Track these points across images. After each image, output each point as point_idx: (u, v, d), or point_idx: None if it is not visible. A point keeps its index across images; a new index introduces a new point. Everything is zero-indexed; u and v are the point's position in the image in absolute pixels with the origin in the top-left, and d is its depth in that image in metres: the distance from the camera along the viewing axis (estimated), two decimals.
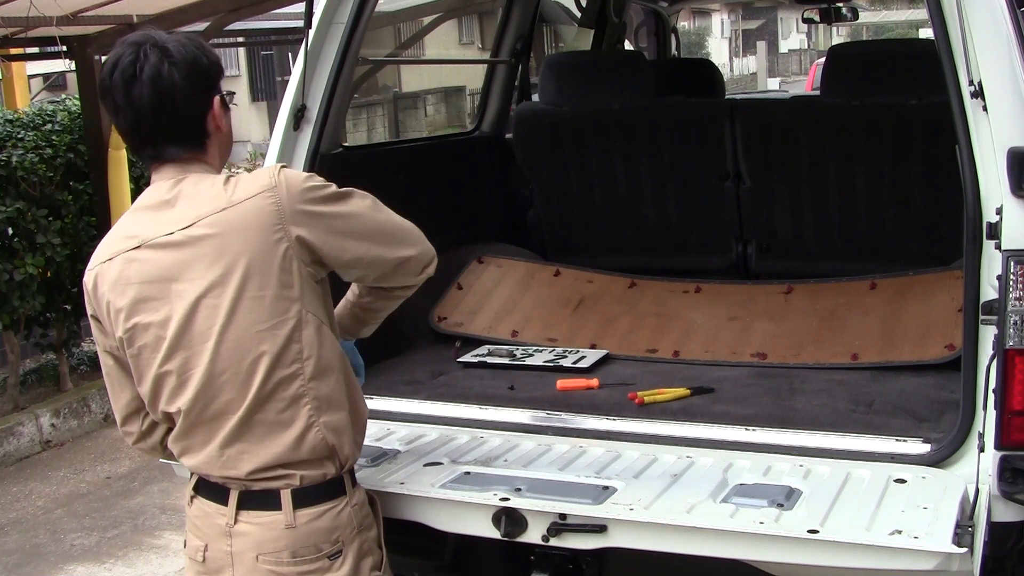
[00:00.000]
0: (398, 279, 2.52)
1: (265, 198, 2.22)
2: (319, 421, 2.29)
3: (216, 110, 2.32)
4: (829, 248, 4.24)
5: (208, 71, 2.31)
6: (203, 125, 2.32)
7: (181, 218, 2.25)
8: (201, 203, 2.25)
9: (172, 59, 2.25)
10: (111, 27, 6.41)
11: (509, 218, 4.77)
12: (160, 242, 2.25)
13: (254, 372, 2.24)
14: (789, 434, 2.84)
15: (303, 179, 2.30)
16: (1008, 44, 2.54)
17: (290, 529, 2.28)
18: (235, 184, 2.26)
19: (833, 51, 4.31)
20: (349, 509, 2.35)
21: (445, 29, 18.74)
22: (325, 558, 2.30)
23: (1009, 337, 2.42)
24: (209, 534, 2.35)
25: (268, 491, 2.29)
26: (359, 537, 2.36)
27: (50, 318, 6.80)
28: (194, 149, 2.32)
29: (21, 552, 5.03)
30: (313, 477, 2.30)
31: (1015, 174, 2.44)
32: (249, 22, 8.72)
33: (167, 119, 2.27)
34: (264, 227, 2.21)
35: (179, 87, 2.24)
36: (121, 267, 2.29)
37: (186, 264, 2.24)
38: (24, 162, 6.19)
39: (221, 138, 2.37)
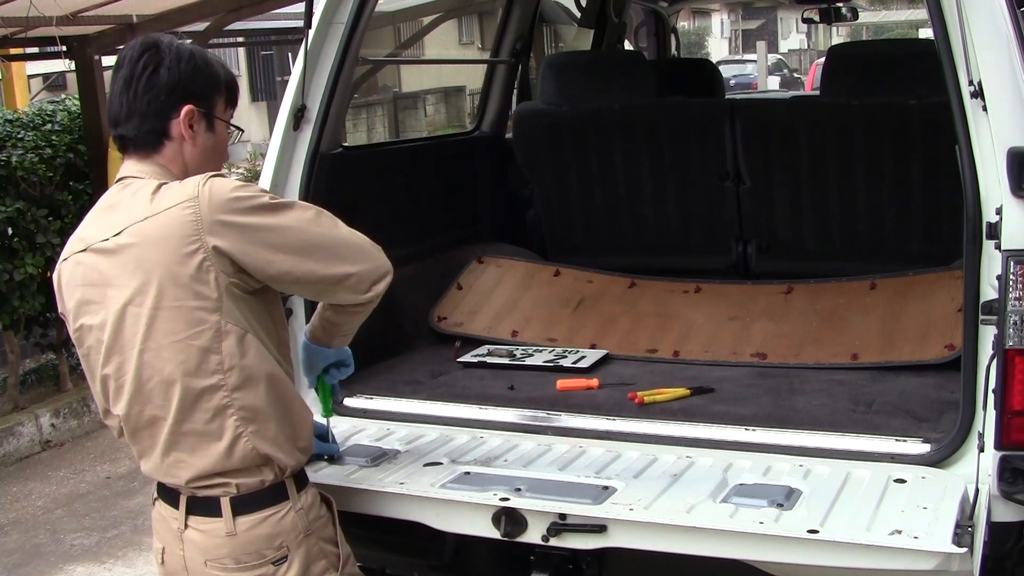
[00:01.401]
0: (342, 296, 2.42)
1: (184, 208, 2.21)
2: (247, 431, 2.28)
3: (182, 119, 2.32)
4: (829, 248, 4.24)
5: (185, 82, 2.32)
6: (159, 129, 2.32)
7: (116, 224, 2.29)
8: (131, 211, 2.27)
9: (159, 52, 2.31)
10: (111, 27, 6.41)
11: (509, 218, 4.77)
12: (98, 247, 2.30)
13: (175, 381, 2.26)
14: (789, 434, 2.84)
15: (230, 189, 2.25)
16: (1008, 44, 2.54)
17: (231, 536, 2.30)
18: (162, 194, 2.26)
19: (833, 51, 4.31)
20: (293, 514, 2.35)
21: (445, 29, 18.74)
22: (269, 563, 2.31)
23: (1009, 337, 2.42)
24: (166, 538, 2.39)
25: (210, 498, 2.31)
26: (307, 541, 2.36)
27: (50, 318, 6.79)
28: (146, 151, 2.34)
29: (21, 552, 5.03)
30: (250, 484, 2.31)
31: (1015, 174, 2.44)
32: (249, 22, 8.72)
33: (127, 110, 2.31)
34: (179, 238, 2.21)
35: (146, 85, 2.29)
36: (72, 268, 2.35)
37: (115, 271, 2.27)
38: (24, 162, 6.19)
39: (188, 149, 2.35)
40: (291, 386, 2.41)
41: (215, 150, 2.42)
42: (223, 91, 2.42)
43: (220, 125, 2.41)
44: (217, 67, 2.42)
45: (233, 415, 2.28)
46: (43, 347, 7.03)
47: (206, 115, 2.37)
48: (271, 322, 2.37)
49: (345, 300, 2.43)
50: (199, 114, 2.35)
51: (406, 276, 3.94)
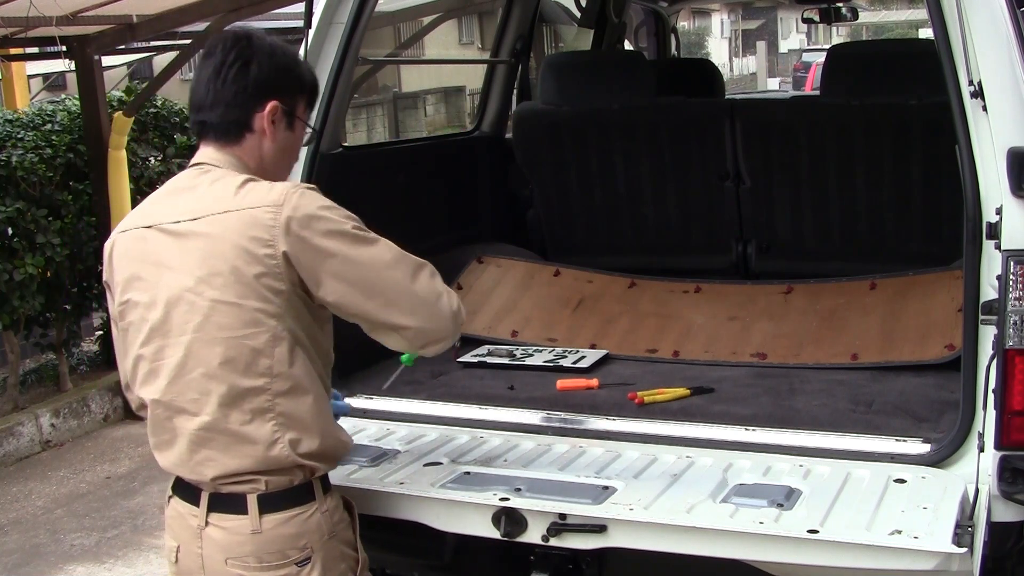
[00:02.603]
0: (393, 342, 2.37)
1: (266, 211, 2.22)
2: (285, 437, 2.26)
3: (266, 114, 2.34)
4: (829, 248, 4.24)
5: (274, 78, 2.35)
6: (243, 120, 2.34)
7: (190, 209, 2.29)
8: (211, 199, 2.27)
9: (251, 45, 2.34)
10: (111, 27, 6.41)
11: (509, 218, 4.77)
12: (166, 227, 2.30)
13: (220, 377, 2.24)
14: (789, 434, 2.84)
15: (317, 206, 2.25)
16: (1008, 44, 2.54)
17: (256, 534, 2.27)
18: (248, 190, 2.26)
19: (833, 51, 4.31)
20: (319, 515, 2.32)
21: (445, 29, 18.74)
22: (293, 564, 2.28)
23: (1009, 337, 2.43)
24: (182, 535, 2.35)
25: (235, 495, 2.28)
26: (330, 543, 2.34)
27: (50, 318, 6.80)
28: (227, 140, 2.35)
29: (21, 552, 5.03)
30: (279, 483, 2.29)
31: (1015, 174, 2.44)
32: (249, 22, 8.71)
33: (213, 97, 2.33)
34: (255, 239, 2.21)
35: (236, 75, 2.31)
36: (131, 242, 2.35)
37: (180, 255, 2.27)
38: (24, 162, 6.19)
39: (267, 144, 2.37)
40: (328, 400, 2.41)
41: (291, 149, 2.45)
42: (306, 92, 2.46)
43: (299, 125, 2.43)
44: (304, 68, 2.48)
45: (273, 420, 2.26)
46: (43, 347, 7.03)
47: (288, 113, 2.38)
48: (321, 337, 2.37)
49: (396, 347, 2.40)
50: (282, 111, 2.36)
51: None
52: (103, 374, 7.15)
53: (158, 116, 7.29)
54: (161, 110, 7.33)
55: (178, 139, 7.34)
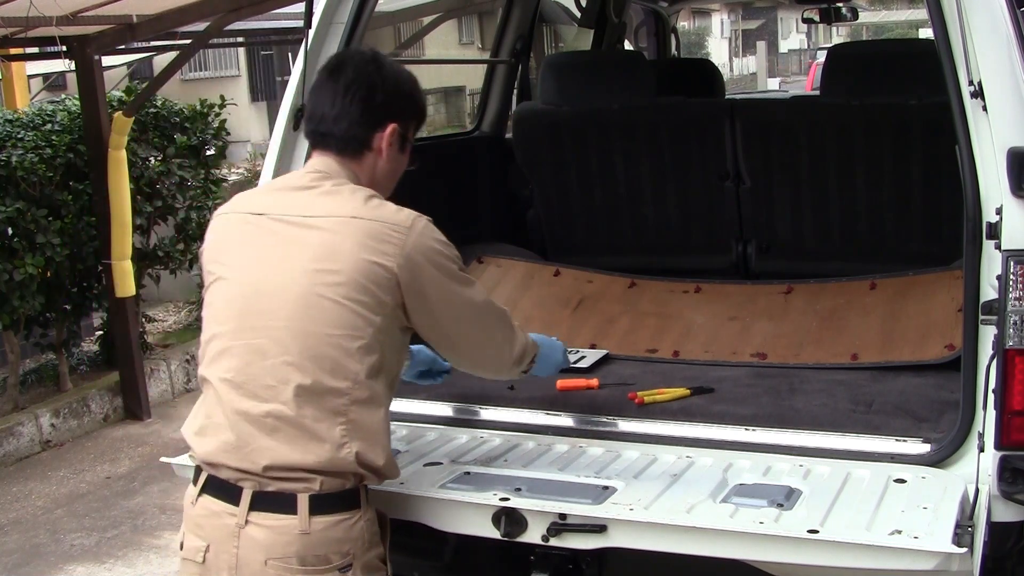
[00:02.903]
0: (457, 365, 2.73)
1: (393, 229, 2.32)
2: (352, 444, 2.27)
3: (386, 135, 2.46)
4: (829, 248, 4.24)
5: (397, 102, 2.51)
6: (364, 138, 2.46)
7: (311, 207, 2.37)
8: (336, 203, 2.36)
9: (382, 68, 2.50)
10: (111, 27, 6.40)
11: (509, 218, 4.77)
12: (280, 218, 2.38)
13: (306, 370, 2.26)
14: (789, 434, 2.84)
15: (436, 240, 2.39)
16: (1008, 44, 2.54)
17: (304, 535, 2.24)
18: (377, 205, 2.37)
19: (833, 51, 4.31)
20: (363, 523, 2.32)
21: (445, 29, 18.73)
22: (335, 570, 2.27)
23: (1009, 337, 2.43)
24: (215, 535, 2.30)
25: (283, 493, 2.25)
26: (368, 553, 2.34)
27: (50, 318, 6.80)
28: (346, 154, 2.46)
29: (21, 552, 5.03)
30: (333, 485, 2.27)
31: (1015, 174, 2.44)
32: (249, 22, 8.71)
33: (339, 111, 2.44)
34: (377, 251, 2.29)
35: (364, 95, 2.44)
36: (236, 224, 2.44)
37: (293, 245, 2.33)
38: (24, 162, 6.19)
39: (381, 163, 2.49)
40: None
41: (399, 170, 2.57)
42: (419, 118, 2.58)
43: (407, 147, 2.56)
44: (420, 94, 2.61)
45: (344, 424, 2.27)
46: (43, 347, 7.02)
47: (402, 136, 2.51)
48: (397, 361, 2.46)
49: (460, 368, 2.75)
50: (399, 134, 2.49)
51: None
52: (103, 374, 7.15)
53: (158, 116, 7.29)
54: (161, 110, 7.32)
55: (178, 139, 7.34)
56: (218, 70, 23.05)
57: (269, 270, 2.33)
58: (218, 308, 2.38)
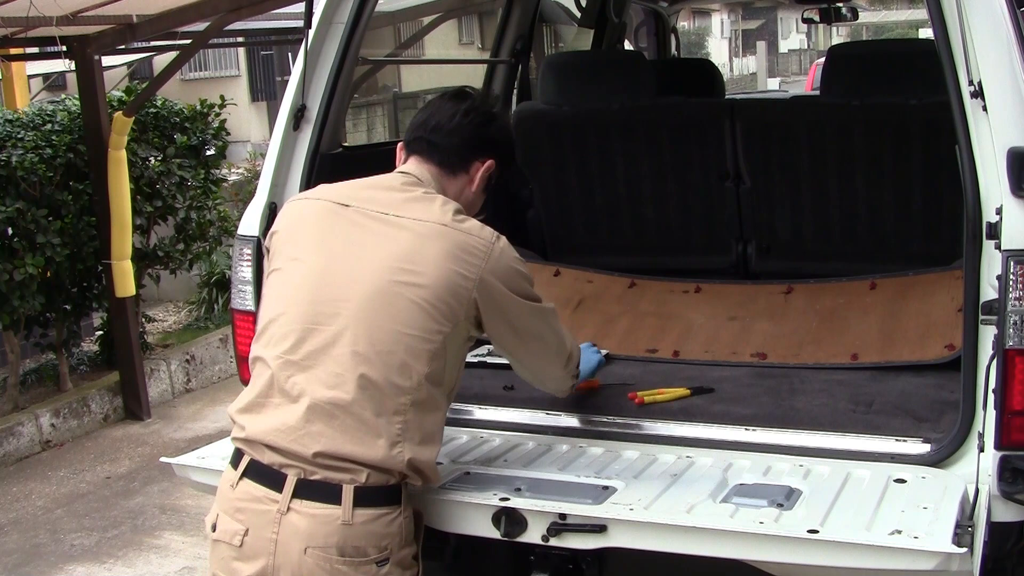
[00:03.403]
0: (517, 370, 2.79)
1: (480, 242, 2.40)
2: (405, 443, 2.31)
3: (484, 167, 2.61)
4: (829, 248, 4.24)
5: (503, 143, 2.70)
6: (467, 159, 2.59)
7: (401, 206, 2.43)
8: (427, 208, 2.44)
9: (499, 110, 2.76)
10: (111, 27, 6.40)
11: (509, 218, 4.76)
12: (368, 212, 2.43)
13: (374, 363, 2.29)
14: (789, 434, 2.84)
15: (515, 259, 2.51)
16: (1008, 44, 2.54)
17: (346, 526, 2.27)
18: (465, 218, 2.45)
19: (833, 51, 4.31)
20: (402, 519, 2.36)
21: (445, 29, 18.72)
22: (372, 563, 2.30)
23: (1009, 337, 2.43)
24: (254, 520, 2.30)
25: (328, 483, 2.27)
26: (404, 550, 2.37)
27: (50, 318, 6.79)
28: (445, 167, 2.57)
29: (21, 552, 5.03)
30: (379, 479, 2.30)
31: (1015, 174, 2.44)
32: (249, 22, 8.70)
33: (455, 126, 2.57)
34: (462, 261, 2.37)
35: (482, 122, 2.60)
36: (320, 211, 2.49)
37: (381, 240, 2.38)
38: (24, 162, 6.18)
39: (468, 192, 2.62)
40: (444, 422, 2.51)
41: (475, 206, 2.67)
42: (503, 172, 2.71)
43: (488, 192, 2.68)
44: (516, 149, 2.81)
45: (401, 423, 2.31)
46: (43, 347, 7.02)
47: (490, 177, 2.65)
48: (458, 370, 2.51)
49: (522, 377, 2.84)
50: (493, 171, 2.64)
51: None
52: (103, 374, 7.15)
53: (158, 116, 7.29)
54: (161, 110, 7.32)
55: (178, 139, 7.34)
56: (218, 70, 23.04)
57: (348, 259, 2.37)
58: (285, 290, 2.41)
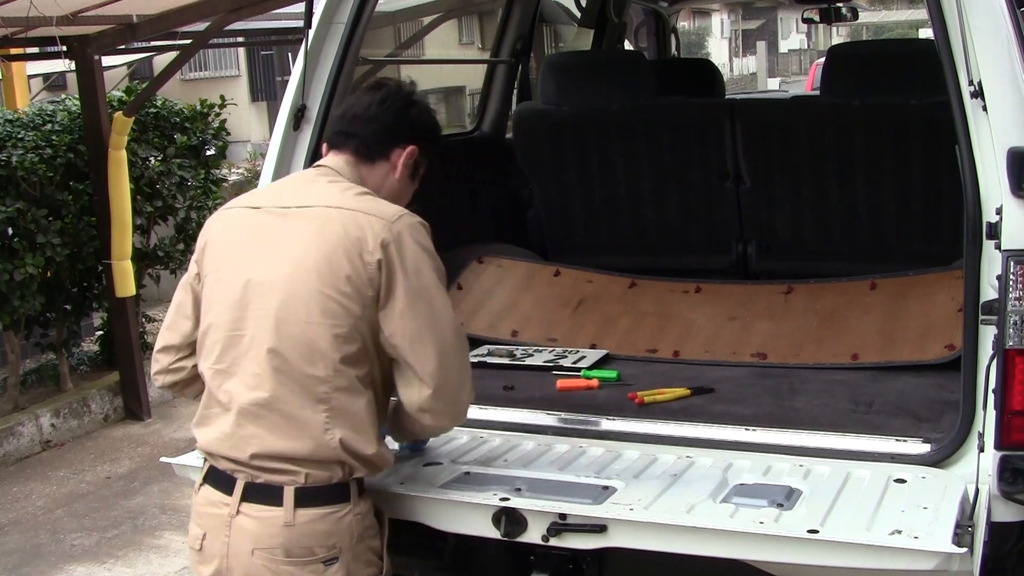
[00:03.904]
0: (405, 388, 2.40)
1: (378, 221, 2.35)
2: (335, 430, 2.31)
3: (405, 153, 2.54)
4: (829, 248, 4.24)
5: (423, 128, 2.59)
6: (386, 146, 2.53)
7: (303, 198, 2.42)
8: (326, 195, 2.41)
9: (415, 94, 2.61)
10: (111, 27, 6.40)
11: (509, 218, 4.77)
12: (272, 210, 2.44)
13: (287, 358, 2.30)
14: (789, 434, 2.84)
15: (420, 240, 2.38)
16: (1008, 44, 2.54)
17: (288, 527, 2.29)
18: (367, 199, 2.41)
19: (833, 51, 4.31)
20: (351, 517, 2.35)
21: (445, 29, 18.70)
22: (319, 562, 2.31)
23: (1009, 337, 2.43)
24: (210, 523, 2.37)
25: (270, 485, 2.31)
26: (358, 547, 2.37)
27: (50, 318, 6.79)
28: (363, 156, 2.52)
29: (21, 552, 5.03)
30: (319, 478, 2.31)
31: (1015, 174, 2.44)
32: (249, 22, 8.70)
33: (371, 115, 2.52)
34: (359, 240, 2.32)
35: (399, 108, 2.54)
36: (234, 218, 2.50)
37: (285, 236, 2.38)
38: (24, 162, 6.18)
39: (392, 180, 2.55)
40: (384, 405, 2.47)
41: (402, 196, 2.59)
42: (430, 161, 2.65)
43: (416, 181, 2.63)
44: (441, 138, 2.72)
45: (327, 411, 2.31)
46: (43, 347, 7.02)
47: (416, 164, 2.59)
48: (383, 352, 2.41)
49: (405, 395, 2.41)
50: (417, 158, 2.58)
51: None
52: (103, 374, 7.15)
53: (158, 116, 7.28)
54: (161, 110, 7.32)
55: (178, 139, 7.34)
56: (218, 70, 23.04)
57: (258, 261, 2.38)
58: (212, 303, 2.42)
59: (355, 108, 2.56)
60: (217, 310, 2.40)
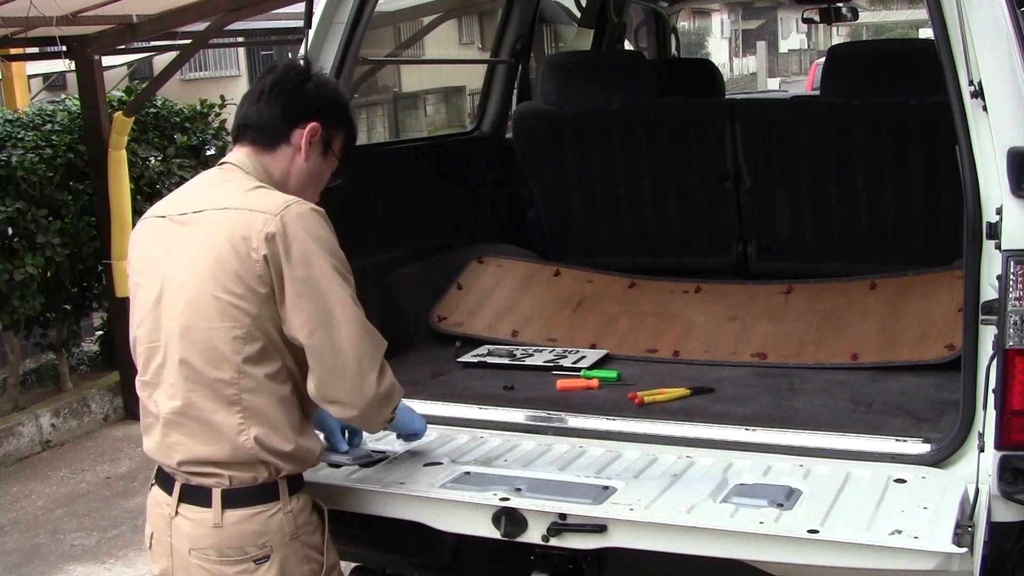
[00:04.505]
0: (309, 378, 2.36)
1: (261, 215, 2.30)
2: (250, 431, 2.31)
3: (307, 131, 2.44)
4: (829, 248, 4.24)
5: (323, 101, 2.49)
6: (284, 129, 2.44)
7: (198, 202, 2.40)
8: (218, 195, 2.39)
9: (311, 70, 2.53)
10: (111, 27, 6.41)
11: (509, 218, 4.76)
12: (175, 218, 2.42)
13: (194, 364, 2.31)
14: (789, 434, 2.84)
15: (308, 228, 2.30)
16: (1008, 44, 2.54)
17: (216, 528, 2.32)
18: (256, 194, 2.36)
19: (833, 51, 4.31)
20: (282, 515, 2.36)
21: (445, 29, 18.72)
22: (250, 561, 2.33)
23: (1009, 337, 2.43)
24: (157, 523, 2.43)
25: (201, 487, 2.34)
26: (291, 544, 2.37)
27: (50, 318, 6.80)
28: (262, 144, 2.45)
29: (21, 552, 5.03)
30: (243, 479, 2.34)
31: (1015, 174, 2.44)
32: (249, 22, 8.72)
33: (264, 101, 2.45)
34: (245, 239, 2.28)
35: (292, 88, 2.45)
36: (147, 228, 2.48)
37: (180, 243, 2.37)
38: (24, 162, 6.19)
39: (300, 161, 2.47)
40: (307, 400, 2.43)
41: (318, 176, 2.53)
42: (346, 131, 2.56)
43: (331, 157, 2.53)
44: (351, 111, 2.62)
45: (240, 412, 2.31)
46: (43, 347, 7.03)
47: (325, 140, 2.49)
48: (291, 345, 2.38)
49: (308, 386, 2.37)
50: (321, 135, 2.48)
51: (406, 276, 3.95)
52: (103, 374, 7.15)
53: (158, 116, 7.29)
54: (161, 110, 7.32)
55: (178, 139, 7.34)
56: (218, 70, 23.06)
57: (165, 270, 2.38)
58: (135, 315, 2.45)
59: (251, 99, 2.47)
60: (137, 322, 2.43)
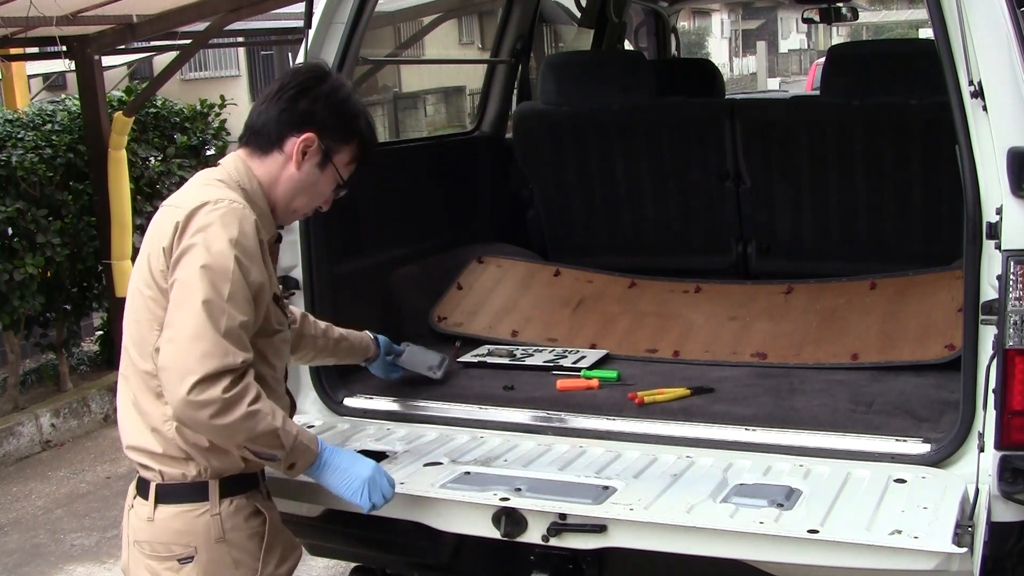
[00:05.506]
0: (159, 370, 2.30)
1: (180, 213, 2.32)
2: (172, 421, 2.33)
3: (300, 141, 2.40)
4: (829, 248, 4.24)
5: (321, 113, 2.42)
6: (279, 136, 2.41)
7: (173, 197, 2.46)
8: (180, 192, 2.44)
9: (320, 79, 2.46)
10: (111, 27, 6.41)
11: (509, 218, 4.77)
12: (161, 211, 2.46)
13: (131, 357, 2.39)
14: (789, 434, 2.84)
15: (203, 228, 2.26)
16: (1008, 44, 2.54)
17: (149, 522, 2.39)
18: (200, 189, 2.38)
19: (833, 51, 4.31)
20: (209, 517, 2.36)
21: (445, 29, 18.72)
22: (175, 560, 2.37)
23: (1009, 337, 2.43)
24: (124, 514, 2.53)
25: (145, 480, 2.41)
26: (218, 548, 2.36)
27: (50, 318, 6.79)
28: (254, 148, 2.45)
29: (21, 552, 5.03)
30: (173, 475, 2.37)
31: (1015, 174, 2.44)
32: (249, 22, 8.72)
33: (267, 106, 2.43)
34: (165, 236, 2.32)
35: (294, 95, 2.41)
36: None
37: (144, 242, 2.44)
38: (24, 162, 6.19)
39: (291, 171, 2.43)
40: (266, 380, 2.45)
41: (311, 188, 2.48)
42: (354, 145, 2.49)
43: (331, 171, 2.47)
44: (363, 122, 2.51)
45: (166, 403, 2.30)
46: (43, 347, 7.03)
47: (324, 152, 2.43)
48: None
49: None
50: (318, 146, 2.42)
51: (406, 276, 3.95)
52: (103, 374, 7.15)
53: (158, 116, 7.29)
54: (161, 110, 7.32)
55: (178, 139, 7.34)
56: (218, 70, 23.07)
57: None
58: None
59: (259, 104, 2.47)
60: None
